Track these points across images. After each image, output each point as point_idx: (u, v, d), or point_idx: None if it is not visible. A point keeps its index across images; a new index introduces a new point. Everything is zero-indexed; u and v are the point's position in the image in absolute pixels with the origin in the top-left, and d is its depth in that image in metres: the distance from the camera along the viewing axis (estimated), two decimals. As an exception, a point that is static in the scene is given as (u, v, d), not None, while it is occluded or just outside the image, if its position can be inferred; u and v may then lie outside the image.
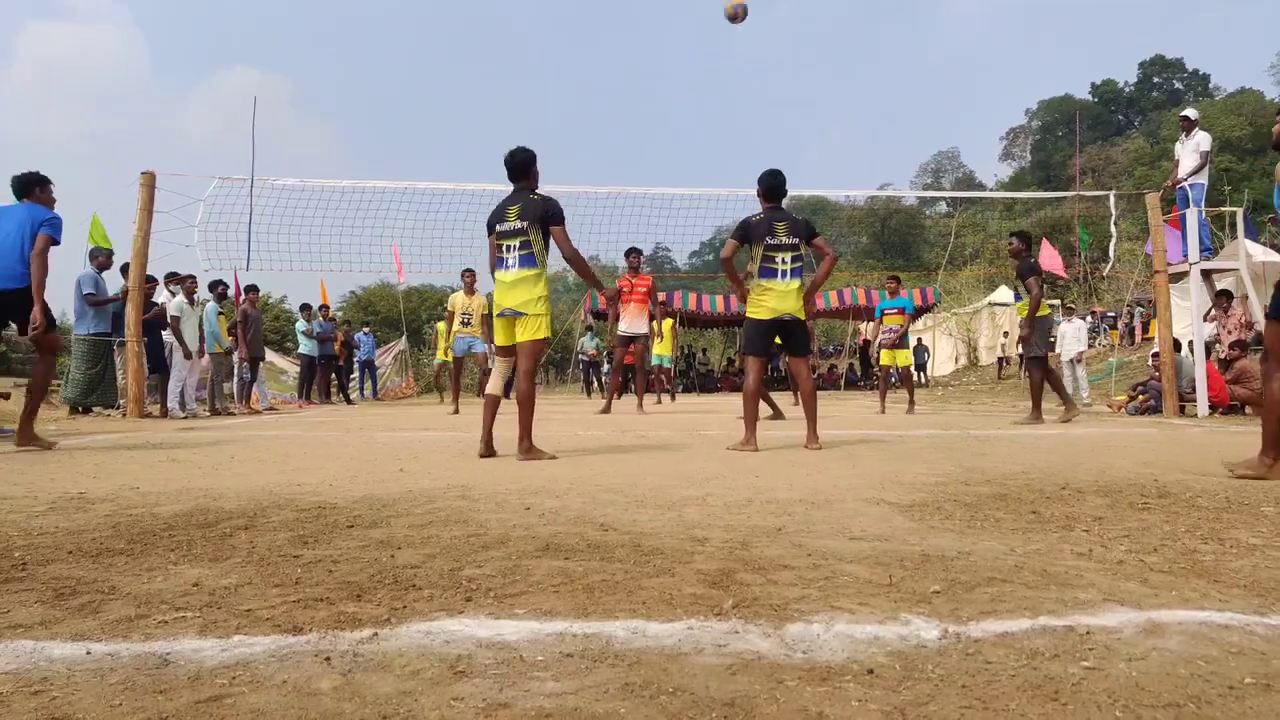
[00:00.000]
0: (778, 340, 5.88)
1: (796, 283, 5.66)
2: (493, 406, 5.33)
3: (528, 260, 5.06)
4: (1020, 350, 9.41)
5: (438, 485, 3.83)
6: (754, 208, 5.98)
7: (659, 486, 3.77)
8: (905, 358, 11.80)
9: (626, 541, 2.56)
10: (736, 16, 7.50)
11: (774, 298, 5.60)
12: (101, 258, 10.40)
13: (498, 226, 5.17)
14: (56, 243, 6.01)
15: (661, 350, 14.66)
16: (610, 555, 2.37)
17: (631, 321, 11.08)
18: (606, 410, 10.77)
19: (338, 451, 5.64)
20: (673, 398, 15.34)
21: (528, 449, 5.00)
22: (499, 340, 5.27)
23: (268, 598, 1.94)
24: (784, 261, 5.62)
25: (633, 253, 11.20)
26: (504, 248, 5.13)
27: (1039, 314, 8.84)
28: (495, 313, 5.21)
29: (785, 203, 5.93)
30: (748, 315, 5.77)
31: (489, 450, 5.11)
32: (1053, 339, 11.43)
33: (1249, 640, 1.63)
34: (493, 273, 5.26)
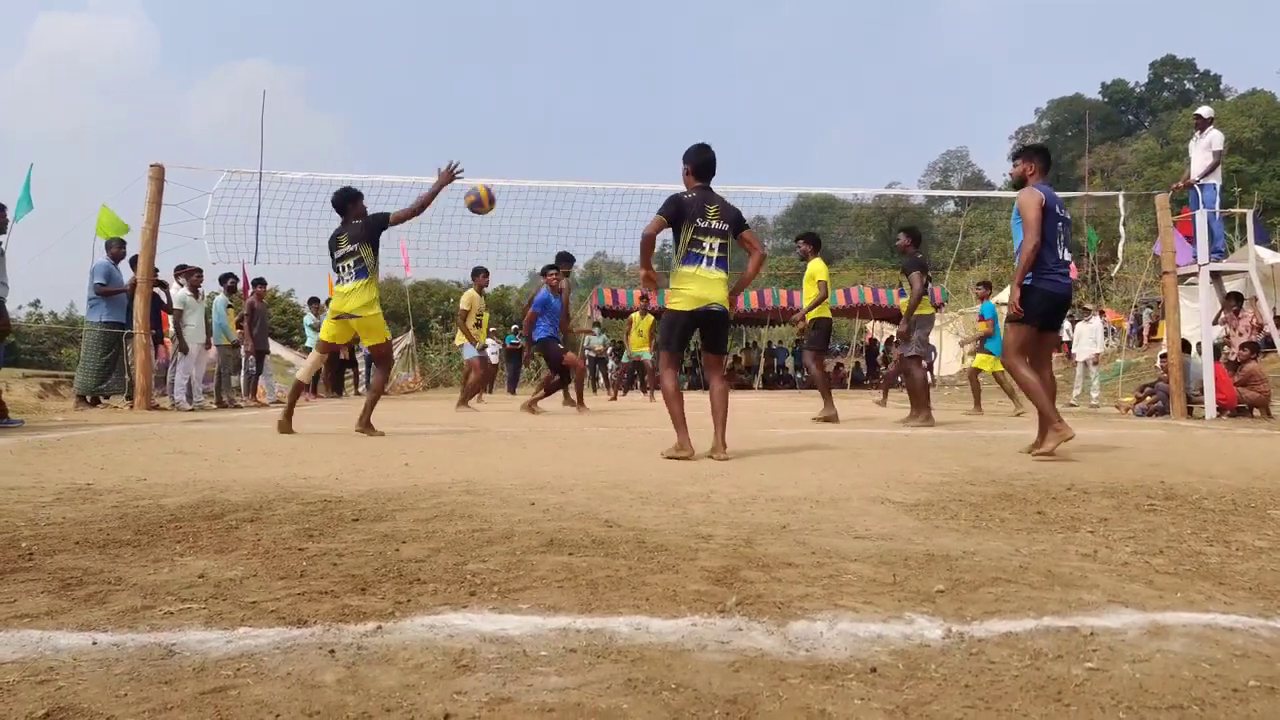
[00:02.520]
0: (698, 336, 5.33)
1: (722, 274, 5.09)
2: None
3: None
4: (898, 350, 9.26)
5: (443, 480, 3.84)
6: (763, 204, 5.79)
7: (663, 483, 3.77)
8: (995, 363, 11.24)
9: (630, 538, 2.56)
10: (481, 204, 7.33)
11: (698, 285, 5.01)
12: (115, 247, 10.51)
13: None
14: None
15: (641, 347, 14.75)
16: (614, 551, 2.37)
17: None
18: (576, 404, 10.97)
19: (343, 445, 5.65)
20: (650, 396, 15.38)
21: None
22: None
23: (273, 590, 1.95)
24: (712, 248, 5.05)
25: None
26: (341, 267, 6.63)
27: (920, 312, 8.76)
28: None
29: (793, 199, 5.83)
30: (668, 306, 5.13)
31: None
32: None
33: (1254, 643, 1.62)
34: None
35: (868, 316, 27.90)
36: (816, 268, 8.91)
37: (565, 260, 10.98)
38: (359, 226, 6.61)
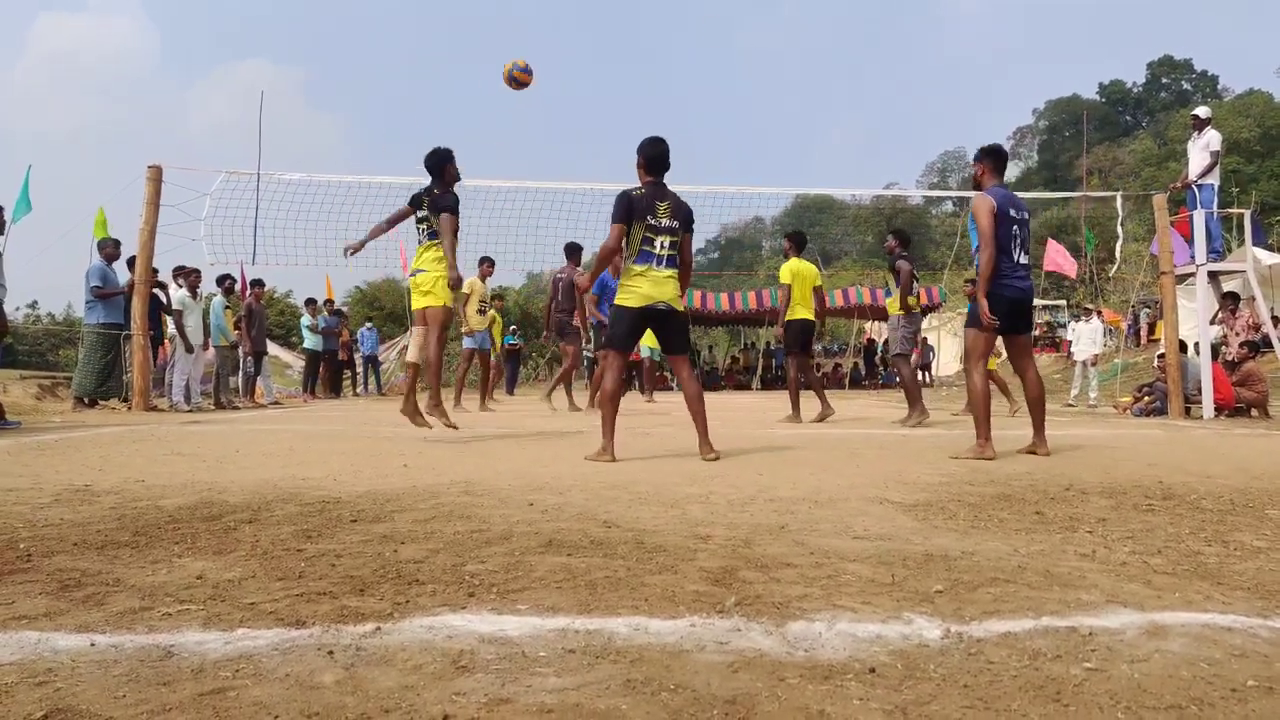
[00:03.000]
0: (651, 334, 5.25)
1: (672, 272, 4.97)
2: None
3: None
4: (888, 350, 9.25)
5: (441, 481, 3.84)
6: (762, 205, 5.77)
7: (662, 483, 3.77)
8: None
9: (629, 538, 2.56)
10: (517, 78, 7.12)
11: (649, 284, 4.89)
12: (109, 248, 10.49)
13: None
14: None
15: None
16: (613, 552, 2.37)
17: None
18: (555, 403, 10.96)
19: (342, 446, 5.65)
20: (649, 396, 15.37)
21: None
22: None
23: (271, 591, 1.95)
24: (663, 247, 4.92)
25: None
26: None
27: (905, 312, 8.82)
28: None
29: (792, 200, 5.86)
30: (617, 303, 5.02)
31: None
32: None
33: (1252, 643, 1.62)
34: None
35: (866, 317, 27.90)
36: (784, 270, 8.74)
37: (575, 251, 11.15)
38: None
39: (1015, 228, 5.19)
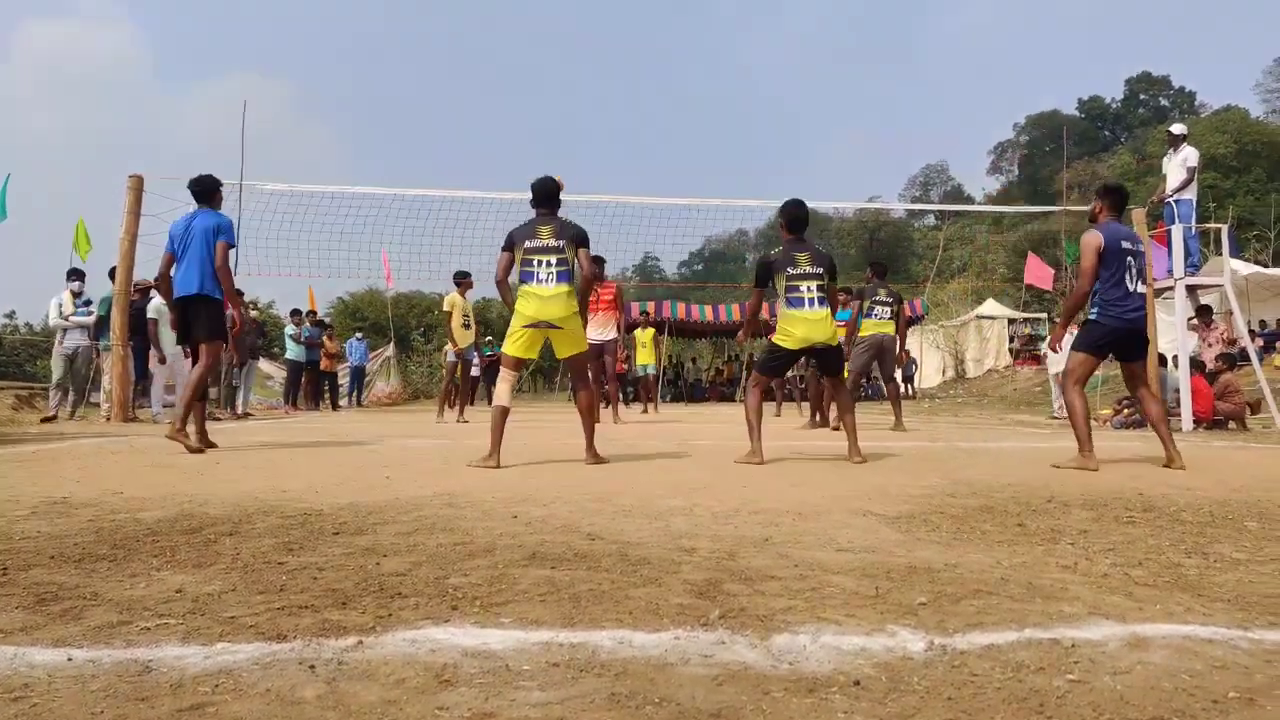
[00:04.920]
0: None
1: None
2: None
3: (565, 276, 5.27)
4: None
5: (424, 493, 3.82)
6: (745, 218, 5.97)
7: (646, 496, 3.77)
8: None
9: (613, 551, 2.55)
10: None
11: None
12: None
13: (527, 243, 5.32)
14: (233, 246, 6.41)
15: (645, 359, 14.76)
16: (597, 564, 2.37)
17: (600, 329, 11.06)
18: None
19: (324, 458, 5.61)
20: (656, 408, 15.37)
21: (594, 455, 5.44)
22: (522, 353, 5.43)
23: (252, 605, 1.93)
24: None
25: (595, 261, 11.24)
26: (537, 262, 5.31)
27: (863, 334, 9.33)
28: (524, 324, 5.28)
29: (775, 213, 5.94)
30: (774, 340, 5.69)
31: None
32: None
33: (1232, 654, 1.63)
34: (520, 285, 5.37)
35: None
36: None
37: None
38: (569, 225, 5.41)
39: (1130, 259, 5.35)
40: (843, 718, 1.33)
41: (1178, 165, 10.93)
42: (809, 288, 5.50)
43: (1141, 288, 5.37)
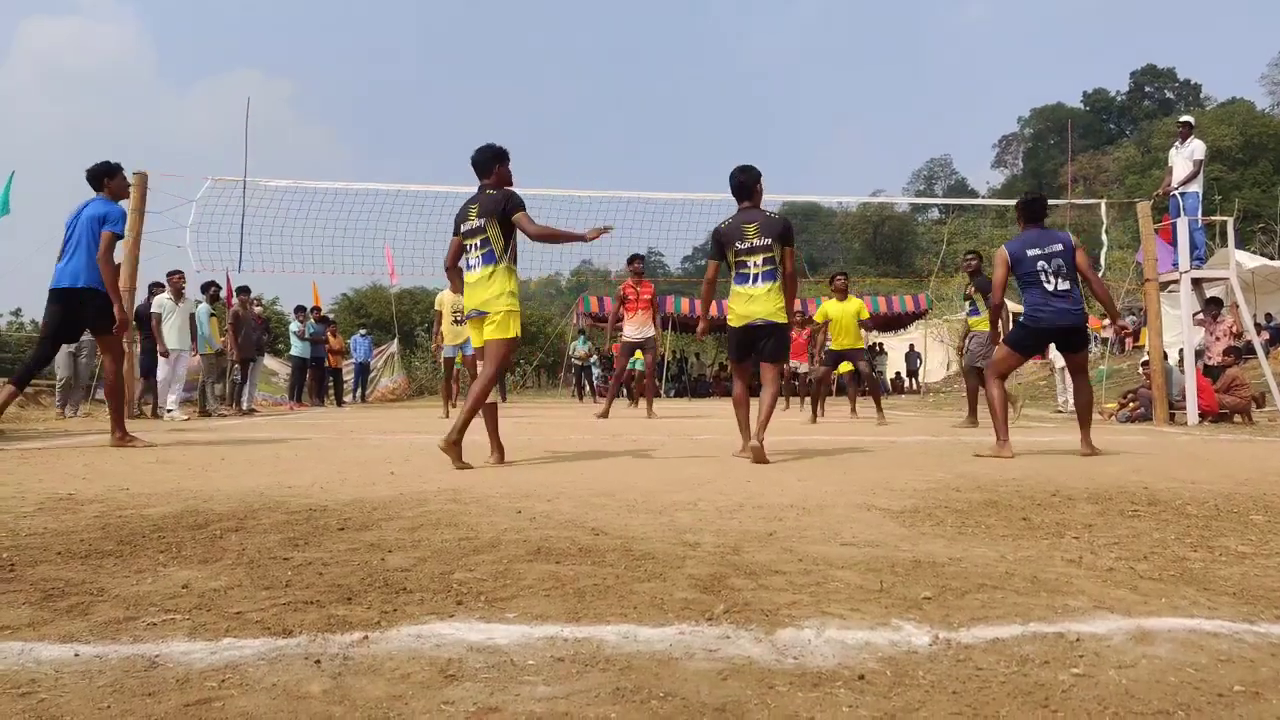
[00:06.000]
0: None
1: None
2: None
3: (489, 257, 4.90)
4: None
5: (428, 488, 3.82)
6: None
7: (651, 491, 3.77)
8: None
9: (618, 546, 2.55)
10: None
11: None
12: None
13: (462, 226, 5.04)
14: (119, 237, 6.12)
15: (636, 355, 14.71)
16: (601, 559, 2.37)
17: (639, 327, 11.08)
18: (604, 415, 10.71)
19: (328, 454, 5.62)
20: (635, 403, 15.36)
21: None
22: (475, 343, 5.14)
23: (257, 600, 1.93)
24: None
25: (635, 259, 11.24)
26: (468, 246, 4.99)
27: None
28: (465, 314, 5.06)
29: (779, 207, 5.89)
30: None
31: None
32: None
33: (1238, 648, 1.63)
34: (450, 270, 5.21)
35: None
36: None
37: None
38: (493, 197, 4.94)
39: (1042, 262, 5.67)
40: (847, 712, 1.33)
41: (1185, 158, 10.90)
42: (754, 263, 5.29)
43: (1064, 285, 5.63)
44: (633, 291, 11.09)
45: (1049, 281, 5.62)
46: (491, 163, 5.02)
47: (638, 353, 12.14)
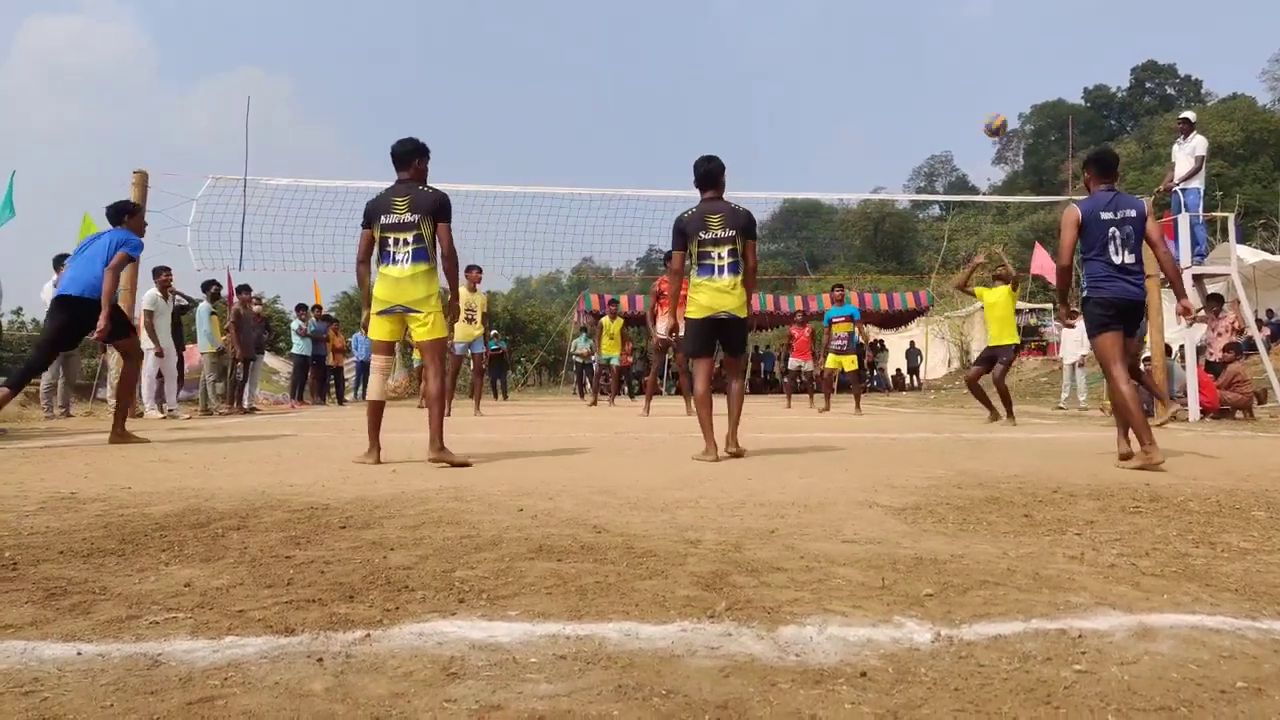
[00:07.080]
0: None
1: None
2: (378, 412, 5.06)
3: (421, 255, 4.81)
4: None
5: (430, 486, 3.82)
6: (751, 208, 5.47)
7: (652, 488, 3.77)
8: (851, 362, 12.36)
9: (619, 543, 2.55)
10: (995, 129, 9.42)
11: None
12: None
13: (383, 218, 4.84)
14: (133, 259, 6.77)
15: (611, 350, 14.68)
16: (603, 557, 2.37)
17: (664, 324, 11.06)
18: (646, 412, 10.78)
19: (330, 452, 5.63)
20: (613, 400, 15.37)
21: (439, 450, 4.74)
22: (380, 336, 4.95)
23: (260, 598, 1.93)
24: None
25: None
26: (391, 241, 4.82)
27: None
28: (379, 310, 4.88)
29: (780, 204, 5.90)
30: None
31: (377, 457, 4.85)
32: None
33: (1240, 644, 1.63)
34: (376, 266, 4.93)
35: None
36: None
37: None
38: (425, 195, 4.84)
39: (1114, 229, 5.04)
40: (849, 709, 1.33)
41: (1187, 154, 10.88)
42: (719, 254, 5.16)
43: (1130, 258, 5.05)
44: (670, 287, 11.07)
45: (1117, 254, 5.01)
46: (413, 156, 4.98)
47: (608, 347, 12.21)
